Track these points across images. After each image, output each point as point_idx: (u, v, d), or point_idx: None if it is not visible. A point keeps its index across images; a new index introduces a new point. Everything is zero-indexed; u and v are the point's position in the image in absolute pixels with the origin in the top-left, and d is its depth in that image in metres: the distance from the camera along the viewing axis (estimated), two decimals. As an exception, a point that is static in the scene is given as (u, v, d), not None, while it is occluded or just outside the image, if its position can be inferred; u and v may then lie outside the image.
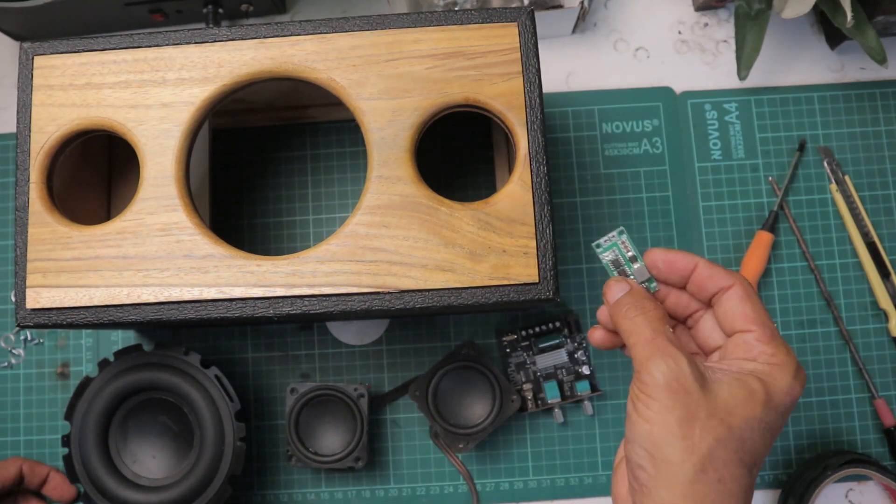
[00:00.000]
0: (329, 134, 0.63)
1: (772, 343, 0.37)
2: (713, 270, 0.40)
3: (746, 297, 0.38)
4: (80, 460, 0.54)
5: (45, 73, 0.46)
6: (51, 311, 0.44)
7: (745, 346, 0.38)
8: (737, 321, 0.38)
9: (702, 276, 0.40)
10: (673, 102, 0.63)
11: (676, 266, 0.41)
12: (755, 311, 0.38)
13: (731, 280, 0.39)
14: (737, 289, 0.39)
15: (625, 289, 0.40)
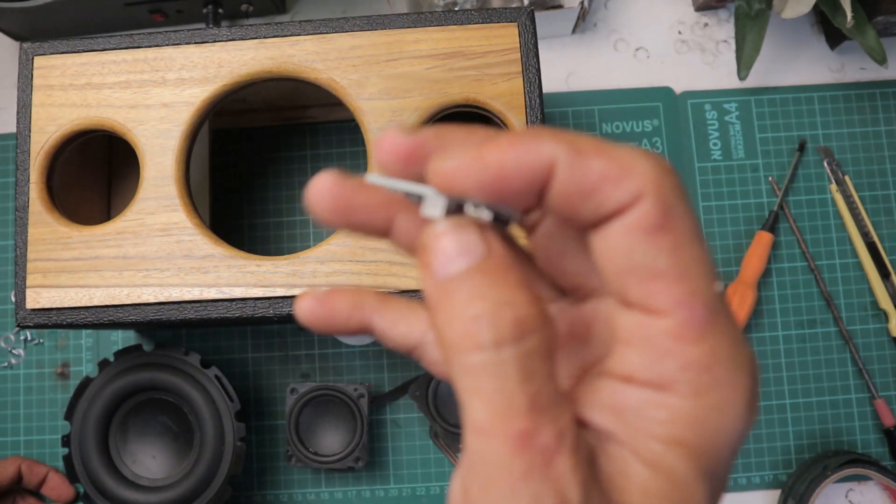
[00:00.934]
0: (329, 134, 0.63)
1: (704, 338, 0.18)
2: (589, 165, 0.18)
3: (659, 227, 0.18)
4: (80, 460, 0.54)
5: (45, 73, 0.46)
6: (51, 312, 0.44)
7: (647, 349, 0.19)
8: (632, 283, 0.19)
9: (567, 184, 0.19)
10: (673, 102, 0.63)
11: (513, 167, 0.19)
12: (675, 259, 0.18)
13: (629, 190, 0.18)
14: (642, 211, 0.18)
15: (475, 251, 0.19)
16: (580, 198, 0.19)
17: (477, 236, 0.19)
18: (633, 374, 0.19)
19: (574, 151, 0.18)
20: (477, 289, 0.18)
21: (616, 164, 0.18)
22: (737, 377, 0.19)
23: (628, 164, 0.18)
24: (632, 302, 0.19)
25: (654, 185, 0.18)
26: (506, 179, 0.19)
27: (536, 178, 0.19)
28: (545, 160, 0.18)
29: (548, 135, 0.19)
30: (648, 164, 0.18)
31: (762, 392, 0.59)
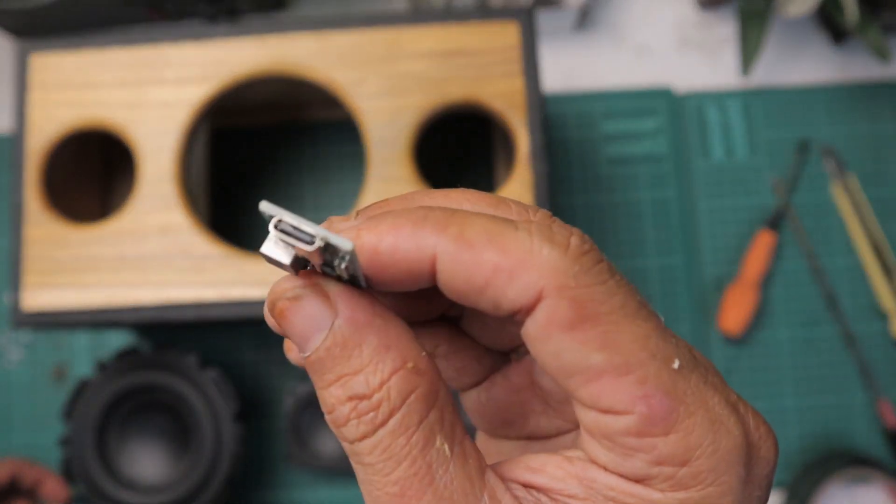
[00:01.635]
0: (329, 134, 0.62)
1: (672, 428, 0.16)
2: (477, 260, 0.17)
3: (576, 322, 0.16)
4: (77, 462, 0.53)
5: (41, 71, 0.46)
6: (48, 312, 0.44)
7: (612, 447, 0.17)
8: (573, 384, 0.17)
9: (452, 278, 0.17)
10: (674, 102, 0.62)
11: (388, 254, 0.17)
12: (610, 351, 0.16)
13: (527, 287, 0.16)
14: (549, 309, 0.16)
15: (322, 325, 0.17)
16: (472, 293, 0.17)
17: (318, 308, 0.17)
18: (605, 464, 0.17)
19: (460, 243, 0.16)
20: (327, 375, 0.17)
21: (508, 257, 0.16)
22: (722, 462, 0.16)
23: (522, 255, 0.16)
24: (579, 400, 0.17)
25: (556, 276, 0.16)
26: (382, 266, 0.17)
27: (416, 268, 0.17)
28: (426, 252, 0.17)
29: (432, 222, 0.17)
30: (549, 251, 0.16)
31: (764, 391, 0.59)
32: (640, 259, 0.60)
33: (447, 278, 0.17)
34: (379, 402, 0.17)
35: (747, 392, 0.59)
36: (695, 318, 0.60)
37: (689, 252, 0.60)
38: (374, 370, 0.17)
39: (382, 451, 0.16)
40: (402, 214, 0.17)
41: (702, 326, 0.60)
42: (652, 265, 0.60)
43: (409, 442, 0.16)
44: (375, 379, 0.17)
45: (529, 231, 0.16)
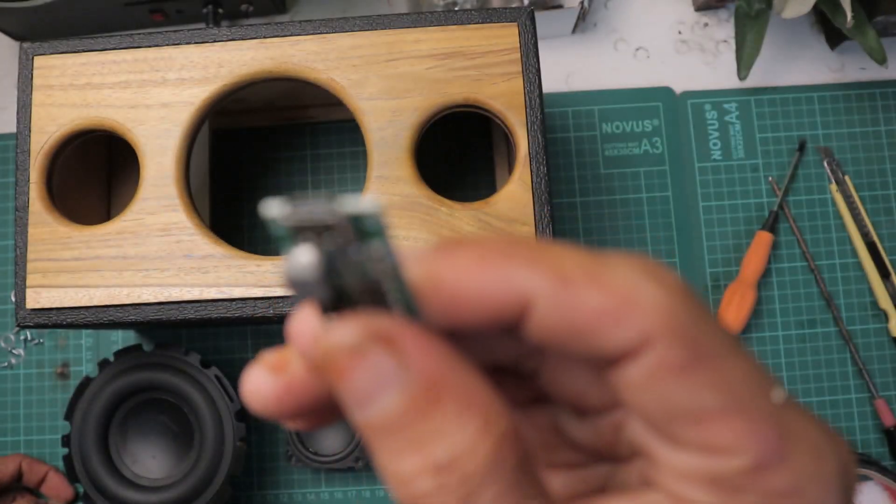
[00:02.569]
0: (329, 134, 0.63)
1: (783, 461, 0.15)
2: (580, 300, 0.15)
3: (690, 366, 0.15)
4: (80, 460, 0.54)
5: (44, 73, 0.46)
6: (51, 311, 0.44)
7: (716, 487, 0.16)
8: (678, 427, 0.16)
9: (550, 322, 0.15)
10: (673, 102, 0.63)
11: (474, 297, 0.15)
12: (722, 392, 0.15)
13: (635, 329, 0.15)
14: (660, 352, 0.15)
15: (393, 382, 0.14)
16: (570, 338, 0.15)
17: (388, 360, 0.14)
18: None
19: (559, 282, 0.14)
20: (402, 443, 0.14)
21: (614, 296, 0.14)
22: (827, 490, 0.16)
23: (630, 294, 0.15)
24: (685, 444, 0.15)
25: (667, 318, 0.15)
26: (460, 306, 0.15)
27: (507, 312, 0.15)
28: (520, 293, 0.15)
29: (524, 257, 0.15)
30: (655, 290, 0.15)
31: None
32: (639, 259, 0.61)
33: (542, 322, 0.15)
34: (471, 471, 0.14)
35: (745, 391, 0.59)
36: (693, 318, 0.60)
37: (687, 252, 0.61)
38: (459, 433, 0.14)
39: None
40: (483, 244, 0.15)
41: (700, 326, 0.60)
42: (650, 265, 0.61)
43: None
44: (463, 444, 0.14)
45: (629, 266, 0.15)
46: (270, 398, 0.16)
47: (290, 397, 0.16)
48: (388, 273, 0.14)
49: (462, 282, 0.14)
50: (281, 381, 0.16)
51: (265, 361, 0.17)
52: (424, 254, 0.15)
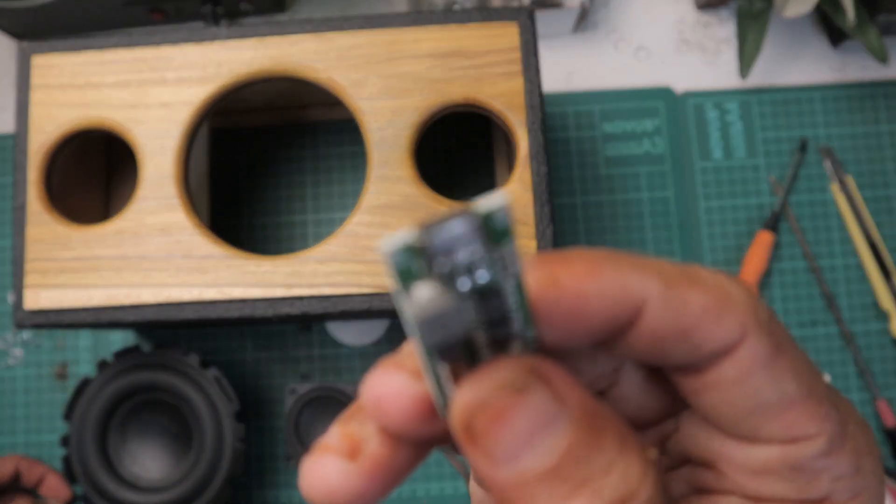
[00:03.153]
0: (329, 134, 0.62)
1: (847, 441, 0.17)
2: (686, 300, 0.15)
3: (775, 355, 0.16)
4: (78, 461, 0.53)
5: (43, 72, 0.46)
6: (49, 312, 0.44)
7: (795, 475, 0.17)
8: (763, 420, 0.16)
9: (660, 323, 0.15)
10: (674, 102, 0.63)
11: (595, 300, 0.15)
12: (798, 379, 0.16)
13: (734, 326, 0.16)
14: (753, 346, 0.16)
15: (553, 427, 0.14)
16: (676, 338, 0.15)
17: (548, 398, 0.13)
18: (783, 497, 0.17)
19: (666, 284, 0.15)
20: (570, 485, 0.13)
21: (714, 295, 0.15)
22: (874, 457, 0.17)
23: (725, 294, 0.15)
24: (765, 438, 0.16)
25: (755, 313, 0.16)
26: (584, 318, 0.15)
27: (622, 317, 0.15)
28: (635, 295, 0.15)
29: (630, 263, 0.15)
30: (741, 289, 0.16)
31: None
32: (640, 259, 0.61)
33: (653, 324, 0.15)
34: (648, 498, 0.14)
35: (746, 391, 0.59)
36: (694, 318, 0.60)
37: (688, 252, 0.61)
38: (626, 466, 0.14)
39: None
40: (589, 253, 0.15)
41: (701, 326, 0.60)
42: (651, 265, 0.61)
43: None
44: (634, 476, 0.14)
45: (713, 272, 0.16)
46: (351, 490, 0.15)
47: (373, 483, 0.15)
48: (513, 283, 0.13)
49: (583, 286, 0.14)
50: (360, 468, 0.15)
51: (330, 447, 0.15)
52: (538, 262, 0.14)
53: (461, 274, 0.13)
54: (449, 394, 0.14)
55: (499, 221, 0.13)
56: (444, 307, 0.13)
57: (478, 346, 0.14)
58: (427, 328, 0.13)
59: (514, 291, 0.14)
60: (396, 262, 0.13)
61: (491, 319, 0.14)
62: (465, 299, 0.13)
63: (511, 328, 0.14)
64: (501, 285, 0.13)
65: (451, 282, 0.13)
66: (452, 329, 0.13)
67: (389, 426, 0.15)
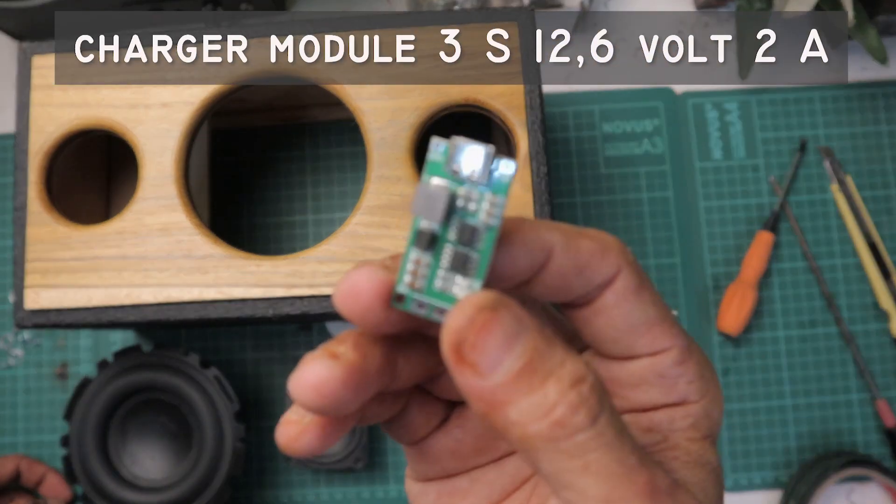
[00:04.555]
0: (329, 134, 0.62)
1: (693, 352, 0.22)
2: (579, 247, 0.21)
3: (640, 286, 0.21)
4: (79, 461, 0.53)
5: (43, 72, 0.46)
6: (50, 312, 0.44)
7: (662, 381, 0.22)
8: (636, 337, 0.21)
9: (564, 263, 0.20)
10: (673, 102, 0.63)
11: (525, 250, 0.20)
12: (657, 306, 0.21)
13: (613, 263, 0.21)
14: (625, 278, 0.21)
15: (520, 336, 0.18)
16: (573, 274, 0.21)
17: (513, 316, 0.18)
18: (655, 402, 0.22)
19: (565, 236, 0.20)
20: (540, 376, 0.18)
21: (597, 242, 0.21)
22: (713, 370, 0.23)
23: (604, 241, 0.21)
24: (638, 353, 0.22)
25: (625, 254, 0.21)
26: (524, 257, 0.20)
27: (538, 259, 0.20)
28: (547, 244, 0.20)
29: (544, 225, 0.21)
30: (615, 239, 0.21)
31: (764, 391, 0.59)
32: (640, 259, 0.61)
33: (559, 263, 0.20)
34: (595, 382, 0.18)
35: (746, 392, 0.59)
36: (694, 318, 0.60)
37: (688, 252, 0.61)
38: (573, 361, 0.18)
39: (611, 425, 0.18)
40: (513, 219, 0.21)
41: (701, 326, 0.60)
42: (651, 265, 0.61)
43: (617, 427, 0.18)
44: (580, 367, 0.18)
45: (594, 230, 0.21)
46: (334, 381, 0.19)
47: (351, 379, 0.19)
48: (486, 226, 0.19)
49: (530, 234, 0.20)
50: (341, 364, 0.19)
51: (317, 354, 0.19)
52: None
53: (463, 182, 0.19)
54: (407, 274, 0.19)
55: (502, 179, 0.19)
56: (440, 191, 0.18)
57: (442, 253, 0.19)
58: (422, 198, 0.19)
59: (486, 238, 0.19)
60: (435, 154, 0.19)
61: (461, 239, 0.19)
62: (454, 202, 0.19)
63: (469, 257, 0.19)
64: (479, 225, 0.19)
65: (455, 181, 0.19)
66: (438, 206, 0.18)
67: (358, 311, 0.19)
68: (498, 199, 0.19)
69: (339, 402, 0.19)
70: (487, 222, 0.19)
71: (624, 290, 0.21)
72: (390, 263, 0.20)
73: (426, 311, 0.19)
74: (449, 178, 0.19)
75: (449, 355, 0.18)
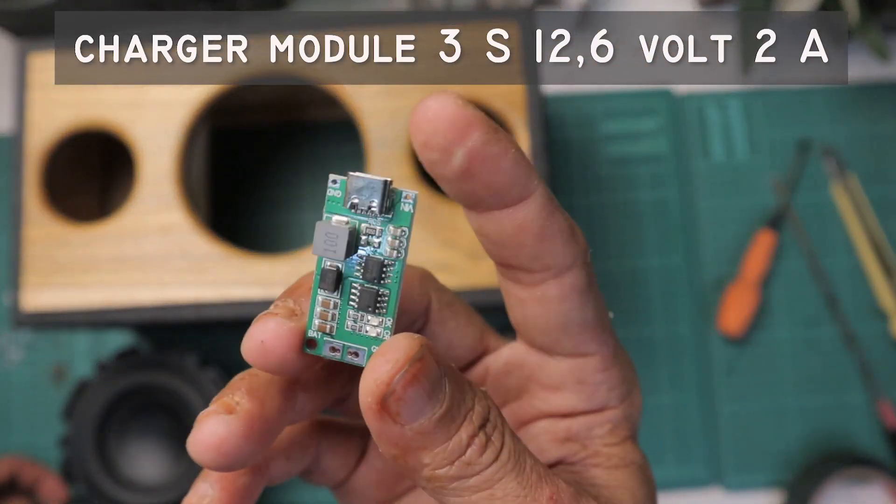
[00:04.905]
0: (329, 134, 0.62)
1: (618, 358, 0.22)
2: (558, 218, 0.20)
3: (588, 288, 0.21)
4: (77, 462, 0.53)
5: (41, 71, 0.46)
6: (48, 312, 0.44)
7: (582, 387, 0.22)
8: (564, 336, 0.21)
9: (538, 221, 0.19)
10: (674, 102, 0.62)
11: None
12: (597, 311, 0.21)
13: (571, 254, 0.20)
14: (576, 275, 0.20)
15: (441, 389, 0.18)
16: (534, 238, 0.19)
17: (435, 363, 0.18)
18: (573, 409, 0.22)
19: (549, 199, 0.19)
20: (456, 422, 0.18)
21: (570, 226, 0.20)
22: (635, 371, 0.23)
23: (576, 231, 0.20)
24: (561, 351, 0.21)
25: (586, 254, 0.20)
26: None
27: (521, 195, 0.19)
28: (532, 188, 0.19)
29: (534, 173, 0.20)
30: (581, 237, 0.20)
31: (765, 391, 0.59)
32: (640, 259, 0.60)
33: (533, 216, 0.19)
34: (495, 416, 0.19)
35: (747, 392, 0.59)
36: (695, 319, 0.60)
37: (689, 252, 0.60)
38: (481, 399, 0.19)
39: (512, 453, 0.18)
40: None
41: (702, 326, 0.60)
42: (652, 265, 0.60)
43: (518, 453, 0.19)
44: (486, 404, 0.19)
45: (564, 215, 0.20)
46: (233, 441, 0.19)
47: (250, 430, 0.19)
48: (392, 259, 0.19)
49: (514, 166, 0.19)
50: (237, 420, 0.19)
51: (212, 410, 0.19)
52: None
53: (363, 213, 0.18)
54: (317, 318, 0.19)
55: (404, 208, 0.19)
56: (340, 229, 0.18)
57: (350, 292, 0.19)
58: (322, 237, 0.18)
59: (394, 272, 0.19)
60: (332, 191, 0.19)
61: (367, 276, 0.19)
62: (357, 238, 0.19)
63: (379, 293, 0.19)
64: (385, 259, 0.19)
65: (355, 217, 0.19)
66: (340, 243, 0.18)
67: (273, 364, 0.19)
68: (401, 230, 0.19)
69: (243, 457, 0.19)
70: (392, 255, 0.19)
71: (571, 287, 0.20)
72: (293, 306, 0.20)
73: (339, 354, 0.19)
74: (349, 214, 0.19)
75: (370, 405, 0.17)
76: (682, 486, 0.58)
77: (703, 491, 0.58)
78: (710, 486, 0.58)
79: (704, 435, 0.58)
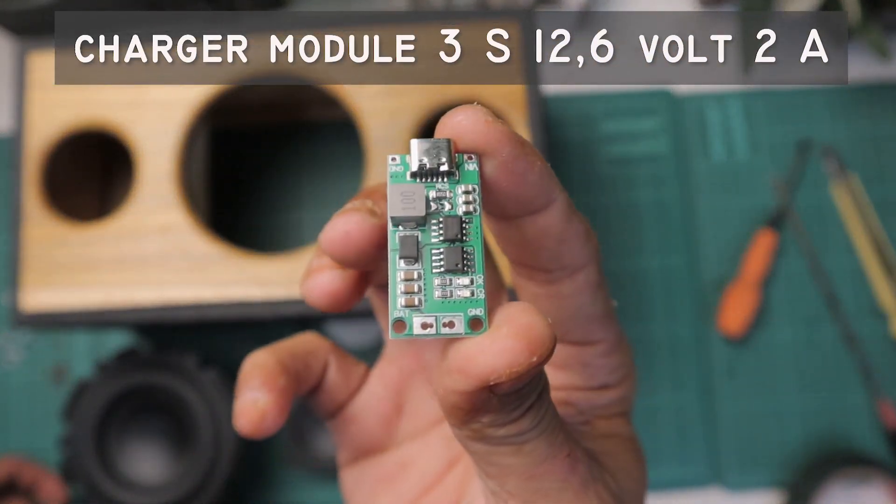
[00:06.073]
0: (329, 134, 0.62)
1: (621, 343, 0.23)
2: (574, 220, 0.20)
3: (601, 284, 0.22)
4: (76, 462, 0.53)
5: (41, 71, 0.46)
6: (47, 312, 0.44)
7: (585, 370, 0.23)
8: (573, 326, 0.22)
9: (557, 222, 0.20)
10: (674, 102, 0.62)
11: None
12: (606, 305, 0.22)
13: (587, 254, 0.21)
14: (590, 273, 0.21)
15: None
16: (555, 238, 0.20)
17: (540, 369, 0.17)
18: (574, 385, 0.23)
19: (569, 204, 0.20)
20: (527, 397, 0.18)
21: (586, 228, 0.21)
22: (632, 355, 0.24)
23: (591, 232, 0.21)
24: (569, 340, 0.22)
25: (598, 253, 0.21)
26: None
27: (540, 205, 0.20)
28: (553, 195, 0.19)
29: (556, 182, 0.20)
30: (595, 239, 0.21)
31: (765, 391, 0.59)
32: (640, 259, 0.60)
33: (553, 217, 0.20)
34: (546, 385, 0.19)
35: (748, 392, 0.59)
36: (695, 318, 0.60)
37: (689, 252, 0.60)
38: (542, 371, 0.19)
39: (550, 414, 0.19)
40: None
41: (702, 326, 0.60)
42: (652, 265, 0.60)
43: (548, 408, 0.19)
44: (544, 375, 0.19)
45: (581, 217, 0.20)
46: (346, 282, 0.22)
47: (355, 282, 0.22)
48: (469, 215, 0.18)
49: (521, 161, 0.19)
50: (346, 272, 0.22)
51: (322, 264, 0.23)
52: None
53: (429, 180, 0.18)
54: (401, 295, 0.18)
55: (468, 167, 0.18)
56: (415, 186, 0.18)
57: (431, 259, 0.18)
58: (398, 196, 0.18)
59: (473, 228, 0.18)
60: (394, 167, 0.19)
61: (447, 235, 0.18)
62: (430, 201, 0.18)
63: (463, 251, 0.18)
64: (461, 216, 0.18)
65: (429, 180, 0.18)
66: (419, 199, 0.18)
67: (351, 256, 0.20)
68: (471, 187, 0.18)
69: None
70: (469, 211, 0.18)
71: (584, 284, 0.21)
72: (372, 206, 0.20)
73: (434, 329, 0.17)
74: (413, 183, 0.18)
75: (468, 382, 0.17)
76: (682, 486, 0.58)
77: (703, 491, 0.58)
78: (710, 486, 0.58)
79: (704, 435, 0.58)
